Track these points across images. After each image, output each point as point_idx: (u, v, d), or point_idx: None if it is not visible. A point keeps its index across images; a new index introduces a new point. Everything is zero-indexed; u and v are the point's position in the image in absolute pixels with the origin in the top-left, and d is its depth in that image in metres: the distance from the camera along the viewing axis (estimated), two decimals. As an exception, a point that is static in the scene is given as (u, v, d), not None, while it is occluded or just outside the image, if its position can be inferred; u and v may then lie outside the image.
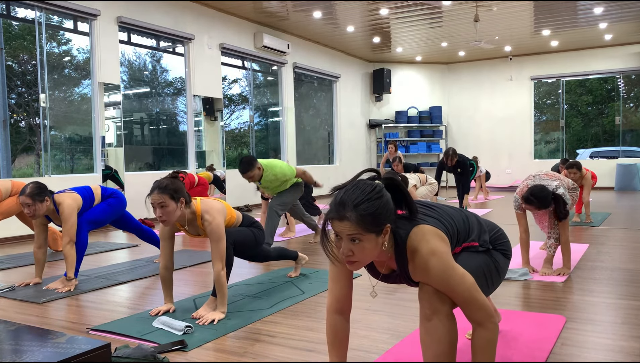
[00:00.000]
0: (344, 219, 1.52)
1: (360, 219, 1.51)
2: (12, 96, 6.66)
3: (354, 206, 1.52)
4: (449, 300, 1.66)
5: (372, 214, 1.52)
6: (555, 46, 11.88)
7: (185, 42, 8.22)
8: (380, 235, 1.56)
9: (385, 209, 1.56)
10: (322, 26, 9.97)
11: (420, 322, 1.69)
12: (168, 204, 2.69)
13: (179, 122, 8.89)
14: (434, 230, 1.66)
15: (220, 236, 2.80)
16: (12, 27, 6.72)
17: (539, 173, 3.77)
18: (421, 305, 1.68)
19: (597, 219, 6.56)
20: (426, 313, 1.66)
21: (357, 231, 1.51)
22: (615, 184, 11.64)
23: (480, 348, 1.66)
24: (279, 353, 2.31)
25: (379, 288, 3.37)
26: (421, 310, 1.68)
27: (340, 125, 12.24)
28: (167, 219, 2.72)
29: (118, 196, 4.06)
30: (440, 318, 1.64)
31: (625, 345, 2.30)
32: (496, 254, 1.91)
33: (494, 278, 1.90)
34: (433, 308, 1.64)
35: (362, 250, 1.54)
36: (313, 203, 6.53)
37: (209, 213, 2.83)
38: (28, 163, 7.04)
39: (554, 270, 3.64)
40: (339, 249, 1.58)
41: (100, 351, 1.94)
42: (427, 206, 1.84)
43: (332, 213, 1.55)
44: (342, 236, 1.54)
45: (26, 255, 4.93)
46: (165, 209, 2.69)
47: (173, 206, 2.71)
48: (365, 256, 1.56)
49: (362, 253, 1.55)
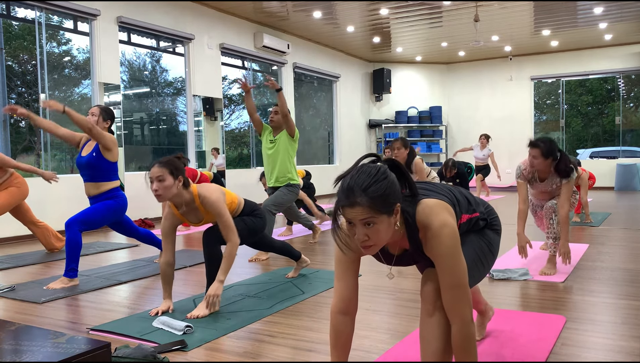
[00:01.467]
0: (355, 204, 1.51)
1: (371, 202, 1.51)
2: (12, 96, 6.66)
3: (362, 190, 1.51)
4: None
5: (382, 196, 1.52)
6: (555, 46, 11.88)
7: (185, 42, 8.22)
8: (392, 215, 1.56)
9: (393, 189, 1.56)
10: (322, 26, 9.97)
11: (421, 318, 1.71)
12: (165, 179, 2.72)
13: (179, 122, 8.89)
14: (439, 202, 1.68)
15: (221, 209, 2.83)
16: (12, 27, 6.72)
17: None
18: (423, 301, 1.70)
19: (597, 219, 6.56)
20: (428, 309, 1.68)
21: (370, 215, 1.51)
22: (615, 184, 11.64)
23: (462, 348, 1.62)
24: (279, 353, 2.31)
25: (379, 288, 3.37)
26: (423, 306, 1.70)
27: (340, 125, 12.25)
28: (162, 194, 2.72)
29: (118, 196, 3.90)
30: (442, 315, 1.66)
31: (625, 345, 2.30)
32: (489, 233, 1.94)
33: (488, 259, 1.92)
34: (436, 304, 1.66)
35: (377, 232, 1.54)
36: (315, 203, 6.52)
37: (207, 190, 2.88)
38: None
39: (555, 270, 3.64)
40: (352, 237, 1.58)
41: (100, 351, 1.94)
42: (424, 184, 1.86)
43: (342, 200, 1.54)
44: (355, 222, 1.54)
45: (26, 255, 4.93)
46: (162, 184, 2.71)
47: (170, 181, 2.73)
48: (380, 238, 1.56)
49: (377, 236, 1.55)
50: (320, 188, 11.09)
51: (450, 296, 1.61)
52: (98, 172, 3.80)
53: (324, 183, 11.43)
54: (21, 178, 4.74)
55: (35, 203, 5.94)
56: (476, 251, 1.87)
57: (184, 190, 2.84)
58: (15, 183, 4.67)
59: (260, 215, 3.22)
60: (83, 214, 3.70)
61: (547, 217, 3.74)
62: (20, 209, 4.86)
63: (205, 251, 2.96)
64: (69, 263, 3.59)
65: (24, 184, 4.74)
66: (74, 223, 3.63)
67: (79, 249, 3.63)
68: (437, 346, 1.65)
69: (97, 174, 3.81)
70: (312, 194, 6.42)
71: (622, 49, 11.85)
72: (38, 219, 5.01)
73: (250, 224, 3.15)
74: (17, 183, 4.67)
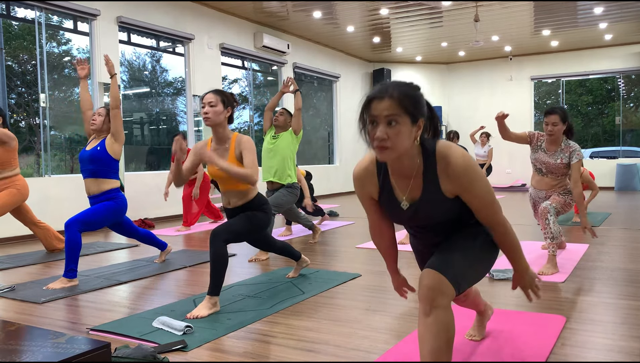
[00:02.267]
0: (385, 97, 1.60)
1: (402, 98, 1.60)
2: (12, 96, 6.66)
3: (395, 87, 1.62)
4: (447, 295, 1.68)
5: (412, 98, 1.63)
6: (555, 46, 11.88)
7: (185, 42, 8.22)
8: (415, 125, 1.64)
9: (421, 103, 1.67)
10: (322, 26, 9.97)
11: (419, 318, 1.71)
12: (217, 105, 2.99)
13: (179, 122, 8.89)
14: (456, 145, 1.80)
15: (252, 149, 3.00)
16: (12, 27, 6.72)
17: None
18: (420, 301, 1.71)
19: (597, 219, 6.56)
20: (425, 309, 1.69)
21: (396, 112, 1.59)
22: (615, 184, 11.64)
23: (510, 246, 1.83)
24: (279, 353, 2.31)
25: (379, 288, 3.37)
26: (420, 306, 1.71)
27: (340, 125, 12.25)
28: (211, 118, 2.97)
29: (118, 197, 3.89)
30: (438, 313, 1.67)
31: (625, 345, 2.30)
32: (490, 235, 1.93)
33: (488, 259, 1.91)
34: (432, 304, 1.68)
35: (397, 134, 1.60)
36: (315, 203, 6.52)
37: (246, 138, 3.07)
38: (28, 163, 7.04)
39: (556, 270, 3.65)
40: (372, 140, 1.65)
41: (100, 351, 1.94)
42: None
43: (373, 93, 1.63)
44: (379, 120, 1.61)
45: (26, 255, 4.93)
46: (213, 108, 2.98)
47: (221, 108, 3.00)
48: (398, 141, 1.61)
49: (396, 138, 1.60)
50: (320, 188, 11.12)
51: (489, 212, 1.79)
52: (100, 166, 3.82)
53: (324, 183, 11.44)
54: (23, 180, 4.74)
55: (36, 203, 5.94)
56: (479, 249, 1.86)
57: (227, 125, 3.06)
58: (16, 184, 4.68)
59: (267, 211, 3.19)
60: (83, 215, 3.70)
61: (542, 218, 3.78)
62: (20, 210, 4.86)
63: (211, 251, 2.95)
64: (68, 263, 3.59)
65: (25, 187, 4.75)
66: (73, 223, 3.63)
67: (78, 249, 3.63)
68: (434, 345, 1.66)
69: (99, 169, 3.82)
70: (311, 194, 6.42)
71: (622, 49, 11.85)
72: (39, 219, 5.01)
73: (254, 219, 3.12)
74: (17, 185, 4.68)
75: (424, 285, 1.71)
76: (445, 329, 1.66)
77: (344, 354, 2.27)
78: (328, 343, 2.41)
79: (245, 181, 2.94)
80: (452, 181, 1.72)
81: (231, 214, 3.17)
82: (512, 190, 12.23)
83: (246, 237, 3.19)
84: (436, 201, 1.77)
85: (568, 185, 4.02)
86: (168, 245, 4.49)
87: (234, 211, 3.14)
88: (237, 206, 3.12)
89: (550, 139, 3.89)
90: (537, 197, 4.13)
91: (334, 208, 8.85)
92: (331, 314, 2.86)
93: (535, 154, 4.01)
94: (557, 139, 3.87)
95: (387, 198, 1.84)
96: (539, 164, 3.99)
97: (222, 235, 2.96)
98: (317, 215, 6.55)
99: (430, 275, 1.71)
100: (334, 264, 4.22)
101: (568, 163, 3.86)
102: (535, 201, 4.18)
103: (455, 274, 1.73)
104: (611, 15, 9.42)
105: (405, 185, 1.78)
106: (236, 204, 3.12)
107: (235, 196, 3.11)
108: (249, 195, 3.13)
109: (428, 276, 1.72)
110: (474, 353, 2.23)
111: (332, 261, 4.33)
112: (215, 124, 3.02)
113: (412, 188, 1.78)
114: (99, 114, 3.98)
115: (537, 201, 4.15)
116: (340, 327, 2.64)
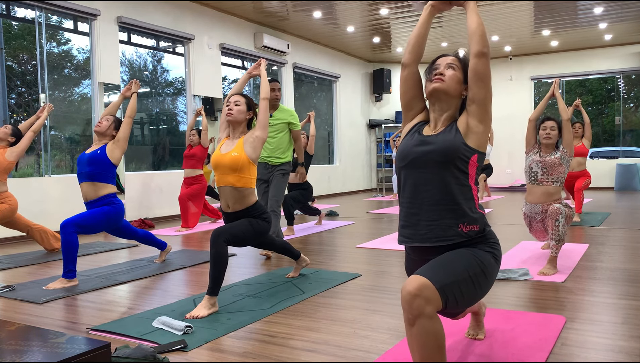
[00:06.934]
0: (450, 55, 2.03)
1: (463, 59, 2.03)
2: (12, 96, 6.66)
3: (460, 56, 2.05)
4: (432, 302, 1.64)
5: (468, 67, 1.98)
6: (555, 46, 11.88)
7: (185, 42, 8.22)
8: (465, 85, 1.99)
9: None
10: (322, 26, 9.98)
11: (405, 328, 1.69)
12: (241, 105, 3.19)
13: (179, 122, 8.89)
14: None
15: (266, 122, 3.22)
16: (12, 27, 6.72)
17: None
18: (403, 310, 1.67)
19: (597, 219, 6.57)
20: (408, 318, 1.65)
21: (457, 64, 2.00)
22: (615, 184, 11.64)
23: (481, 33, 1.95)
24: (279, 353, 2.31)
25: (379, 288, 3.37)
26: (404, 315, 1.67)
27: (340, 125, 12.25)
28: (234, 114, 3.16)
29: (115, 202, 3.89)
30: (422, 322, 1.63)
31: (625, 345, 2.31)
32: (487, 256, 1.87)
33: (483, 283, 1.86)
34: (415, 312, 1.63)
35: (451, 77, 1.97)
36: (313, 204, 6.53)
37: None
38: (28, 163, 7.03)
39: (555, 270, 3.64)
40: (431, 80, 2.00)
41: (100, 351, 1.94)
42: None
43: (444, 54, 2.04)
44: (442, 65, 1.99)
45: (26, 255, 4.93)
46: (237, 108, 3.17)
47: (244, 109, 3.20)
48: (449, 81, 1.96)
49: (449, 78, 1.97)
50: (320, 188, 11.12)
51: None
52: (98, 169, 3.81)
53: (324, 183, 11.44)
54: (12, 196, 4.82)
55: (36, 203, 5.94)
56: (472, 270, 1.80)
57: (245, 127, 3.25)
58: (6, 200, 4.74)
59: (267, 219, 3.25)
60: (79, 218, 3.69)
61: (553, 218, 3.70)
62: (13, 220, 4.93)
63: (212, 251, 2.95)
64: (66, 264, 3.60)
65: (15, 203, 4.84)
66: (68, 224, 3.62)
67: (75, 250, 3.62)
68: (423, 354, 1.65)
69: (97, 173, 3.81)
70: (310, 194, 6.42)
71: (622, 49, 11.85)
72: (32, 222, 5.03)
73: (257, 226, 3.18)
74: (7, 201, 4.76)
75: (406, 290, 1.65)
76: (433, 338, 1.63)
77: (344, 354, 2.27)
78: (328, 343, 2.41)
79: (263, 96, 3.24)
80: (472, 80, 1.93)
81: (230, 219, 3.18)
82: (512, 190, 12.23)
83: (247, 242, 3.22)
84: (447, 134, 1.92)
85: (562, 199, 3.99)
86: (168, 245, 4.49)
87: (234, 216, 3.15)
88: (236, 210, 3.13)
89: (546, 143, 4.06)
90: (533, 213, 3.98)
91: (333, 208, 8.85)
92: (331, 314, 2.86)
93: (530, 158, 4.09)
94: (553, 143, 4.10)
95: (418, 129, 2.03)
96: (535, 166, 4.00)
97: (223, 236, 2.97)
98: (314, 215, 6.57)
99: (415, 280, 1.67)
100: (333, 264, 4.22)
101: (561, 159, 3.98)
102: (530, 218, 4.03)
103: (443, 282, 1.69)
104: (611, 15, 9.42)
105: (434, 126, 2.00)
106: (235, 209, 3.13)
107: (233, 197, 3.11)
108: (248, 200, 3.15)
109: (412, 282, 1.67)
110: (474, 353, 2.23)
111: (332, 261, 4.33)
112: (237, 122, 3.18)
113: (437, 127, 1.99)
114: (107, 119, 4.03)
115: (533, 219, 4.00)
116: (340, 327, 2.64)
